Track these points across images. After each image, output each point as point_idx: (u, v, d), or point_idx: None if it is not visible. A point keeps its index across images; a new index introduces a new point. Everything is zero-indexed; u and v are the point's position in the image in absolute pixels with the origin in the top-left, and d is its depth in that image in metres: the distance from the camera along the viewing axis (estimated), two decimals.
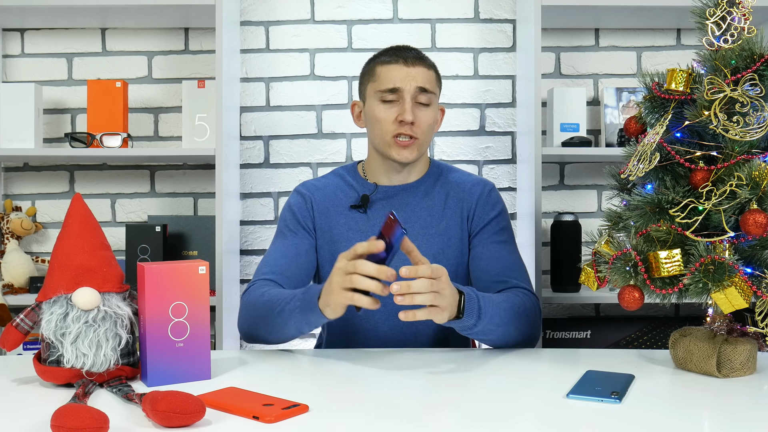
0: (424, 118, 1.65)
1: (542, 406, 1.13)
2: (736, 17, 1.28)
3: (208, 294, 1.26)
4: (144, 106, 2.56)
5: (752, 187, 1.21)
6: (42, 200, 2.56)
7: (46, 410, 1.07)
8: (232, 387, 1.19)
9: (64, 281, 1.21)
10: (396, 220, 1.25)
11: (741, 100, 1.23)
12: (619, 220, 1.37)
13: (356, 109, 1.76)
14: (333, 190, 1.75)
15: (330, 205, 1.72)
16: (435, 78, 1.69)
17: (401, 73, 1.64)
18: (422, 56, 1.68)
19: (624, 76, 2.56)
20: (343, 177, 1.77)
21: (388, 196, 1.72)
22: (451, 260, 1.68)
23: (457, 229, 1.70)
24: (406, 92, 1.63)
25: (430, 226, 1.69)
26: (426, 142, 1.68)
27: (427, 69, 1.67)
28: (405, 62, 1.65)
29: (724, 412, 1.10)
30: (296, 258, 1.66)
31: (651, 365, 1.37)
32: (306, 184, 1.77)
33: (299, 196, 1.74)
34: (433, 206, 1.71)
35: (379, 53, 1.72)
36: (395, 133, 1.64)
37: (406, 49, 1.69)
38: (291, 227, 1.71)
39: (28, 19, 2.43)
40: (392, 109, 1.65)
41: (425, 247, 1.67)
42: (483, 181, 1.76)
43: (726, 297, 1.19)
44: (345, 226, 1.70)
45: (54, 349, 1.20)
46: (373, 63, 1.71)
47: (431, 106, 1.67)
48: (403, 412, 1.09)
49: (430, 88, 1.66)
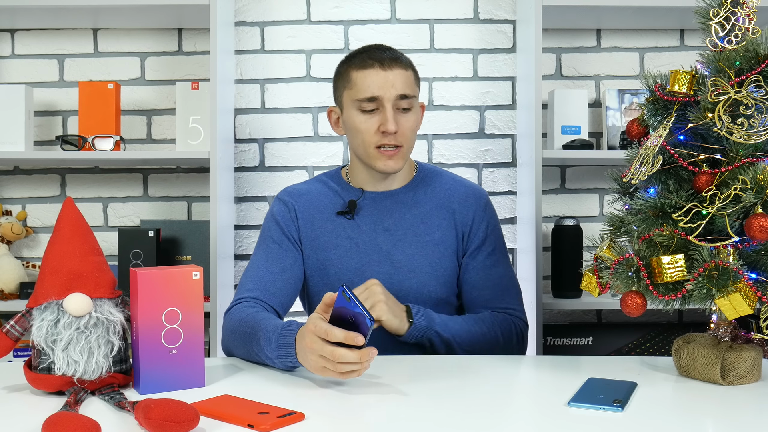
0: (406, 124, 1.60)
1: (543, 414, 1.12)
2: (741, 17, 1.27)
3: (202, 300, 1.25)
4: (137, 108, 2.54)
5: (757, 191, 1.19)
6: (33, 204, 2.54)
7: (37, 419, 1.05)
8: (227, 395, 1.18)
9: (55, 287, 1.20)
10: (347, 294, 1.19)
11: (745, 102, 1.21)
12: (621, 225, 1.36)
13: (333, 116, 1.70)
14: (317, 196, 1.70)
15: (315, 212, 1.68)
16: (414, 78, 1.63)
17: (379, 80, 1.58)
18: (398, 56, 1.62)
19: (626, 77, 2.55)
20: (327, 183, 1.73)
21: (376, 202, 1.68)
22: (447, 271, 1.66)
23: (452, 241, 1.67)
24: (387, 100, 1.58)
25: (424, 234, 1.66)
26: (410, 147, 1.64)
27: (405, 70, 1.61)
28: (381, 66, 1.58)
29: (729, 421, 1.09)
30: (281, 274, 1.62)
31: (654, 372, 1.36)
32: (288, 191, 1.73)
33: (282, 204, 1.69)
34: (425, 214, 1.68)
35: (351, 54, 1.66)
36: (378, 144, 1.60)
37: (381, 50, 1.63)
38: (275, 239, 1.66)
39: (18, 19, 2.42)
40: (373, 118, 1.59)
41: (421, 255, 1.65)
42: (477, 192, 1.72)
43: (730, 303, 1.18)
44: (332, 233, 1.66)
45: (45, 356, 1.19)
46: (347, 66, 1.64)
47: (412, 110, 1.62)
48: (400, 420, 1.08)
49: (411, 93, 1.61)
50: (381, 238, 1.65)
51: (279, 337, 1.32)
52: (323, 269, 1.65)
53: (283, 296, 1.60)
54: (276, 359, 1.33)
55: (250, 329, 1.41)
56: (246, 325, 1.43)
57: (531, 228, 2.25)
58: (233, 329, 1.48)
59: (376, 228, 1.66)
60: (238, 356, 1.48)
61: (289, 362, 1.31)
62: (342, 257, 1.65)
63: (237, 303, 1.56)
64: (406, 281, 1.63)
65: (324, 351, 1.19)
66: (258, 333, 1.38)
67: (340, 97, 1.66)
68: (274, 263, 1.62)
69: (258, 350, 1.37)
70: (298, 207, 1.68)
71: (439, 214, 1.68)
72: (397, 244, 1.65)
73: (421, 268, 1.64)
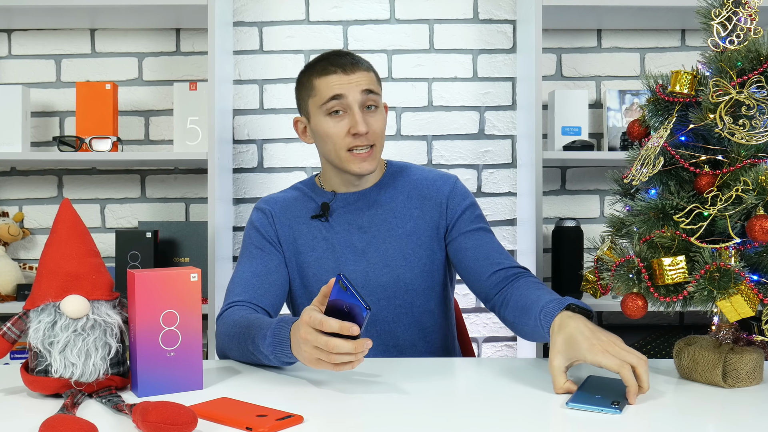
0: (376, 123, 1.61)
1: (542, 416, 1.12)
2: (742, 18, 1.27)
3: (200, 302, 1.25)
4: (134, 109, 2.53)
5: (759, 192, 1.19)
6: (30, 206, 2.53)
7: (34, 421, 1.05)
8: (225, 397, 1.18)
9: (52, 289, 1.19)
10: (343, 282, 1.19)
11: (747, 103, 1.21)
12: (622, 226, 1.36)
13: (300, 125, 1.70)
14: (292, 203, 1.72)
15: (291, 216, 1.70)
16: (376, 80, 1.64)
17: (342, 82, 1.58)
18: (358, 60, 1.62)
19: (627, 78, 2.55)
20: (301, 189, 1.75)
21: (349, 203, 1.69)
22: (423, 260, 1.66)
23: (426, 228, 1.67)
24: (353, 102, 1.58)
25: (396, 227, 1.67)
26: (382, 146, 1.65)
27: (367, 72, 1.61)
28: (344, 71, 1.58)
29: (730, 424, 1.08)
30: (267, 276, 1.62)
31: (655, 375, 1.35)
32: (265, 200, 1.74)
33: (260, 213, 1.71)
34: (396, 208, 1.68)
35: (311, 63, 1.65)
36: (349, 147, 1.60)
37: (340, 56, 1.63)
38: (257, 244, 1.67)
39: (15, 19, 2.41)
40: (342, 122, 1.59)
41: (394, 248, 1.65)
42: (445, 175, 1.73)
43: (732, 305, 1.17)
44: (309, 236, 1.67)
45: (42, 358, 1.18)
46: (308, 75, 1.64)
47: (379, 108, 1.63)
48: (398, 423, 1.07)
49: (375, 89, 1.61)
50: (355, 237, 1.66)
51: (273, 332, 1.32)
52: (302, 271, 1.67)
53: (272, 297, 1.60)
54: (271, 355, 1.33)
55: (244, 329, 1.41)
56: (239, 326, 1.44)
57: (531, 229, 2.25)
58: (227, 332, 1.48)
59: (350, 228, 1.67)
60: (234, 359, 1.47)
61: (284, 357, 1.31)
62: (319, 258, 1.66)
63: (228, 308, 1.56)
64: (381, 277, 1.64)
65: (318, 342, 1.18)
66: (252, 331, 1.38)
67: (305, 107, 1.66)
68: (259, 267, 1.63)
69: (254, 348, 1.37)
70: (275, 212, 1.70)
71: (410, 204, 1.69)
72: (371, 242, 1.66)
73: (395, 261, 1.65)
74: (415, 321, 1.66)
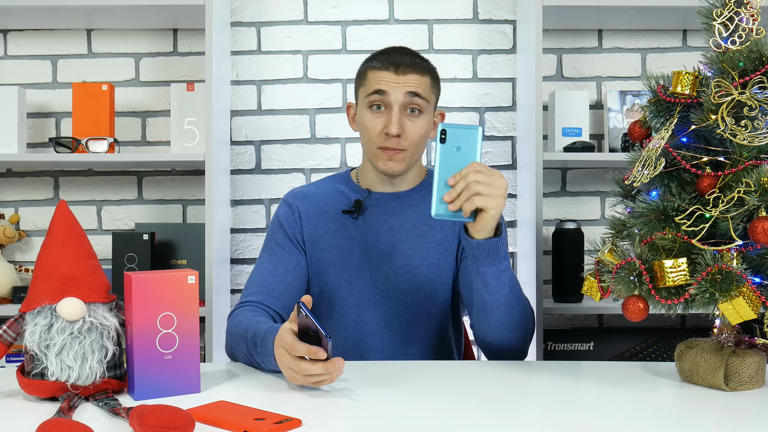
0: (413, 129, 1.59)
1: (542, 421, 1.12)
2: (744, 18, 1.27)
3: (198, 304, 1.24)
4: (131, 110, 2.52)
5: (761, 194, 1.19)
6: (25, 207, 2.52)
7: (30, 425, 1.05)
8: (223, 401, 1.18)
9: (48, 291, 1.19)
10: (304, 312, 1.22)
11: (749, 104, 1.21)
12: (623, 228, 1.36)
13: (351, 111, 1.72)
14: (322, 197, 1.71)
15: (319, 213, 1.69)
16: (429, 84, 1.62)
17: (389, 79, 1.58)
18: (417, 63, 1.60)
19: (628, 78, 2.54)
20: (334, 184, 1.74)
21: (382, 203, 1.68)
22: (447, 271, 1.65)
23: (454, 241, 1.66)
24: (394, 101, 1.57)
25: (427, 234, 1.66)
26: (416, 153, 1.63)
27: (421, 75, 1.60)
28: (396, 69, 1.58)
29: (732, 427, 1.08)
30: (284, 276, 1.62)
31: (656, 378, 1.35)
32: (294, 193, 1.73)
33: (287, 206, 1.71)
34: (428, 215, 1.67)
35: (375, 53, 1.66)
36: (381, 145, 1.59)
37: (401, 54, 1.61)
38: (279, 241, 1.67)
39: (11, 19, 2.40)
40: (380, 118, 1.59)
41: (422, 255, 1.64)
42: None
43: (734, 308, 1.17)
44: (335, 233, 1.66)
45: (38, 361, 1.18)
46: (367, 64, 1.65)
47: (423, 114, 1.60)
48: (399, 425, 1.07)
49: (423, 94, 1.59)
50: (383, 238, 1.65)
51: (262, 342, 1.36)
52: (324, 268, 1.66)
53: (285, 299, 1.60)
54: (262, 363, 1.37)
55: (244, 332, 1.44)
56: (241, 329, 1.46)
57: (531, 231, 2.24)
58: (231, 332, 1.51)
59: (380, 228, 1.66)
60: (240, 360, 1.49)
61: (272, 367, 1.34)
62: (342, 256, 1.65)
63: (239, 306, 1.58)
64: (402, 283, 1.63)
65: (291, 364, 1.22)
66: (248, 336, 1.41)
67: (357, 94, 1.68)
68: (278, 266, 1.63)
69: (254, 353, 1.39)
70: (302, 209, 1.69)
71: None
72: (398, 245, 1.64)
73: (418, 269, 1.64)
74: (428, 332, 1.65)
